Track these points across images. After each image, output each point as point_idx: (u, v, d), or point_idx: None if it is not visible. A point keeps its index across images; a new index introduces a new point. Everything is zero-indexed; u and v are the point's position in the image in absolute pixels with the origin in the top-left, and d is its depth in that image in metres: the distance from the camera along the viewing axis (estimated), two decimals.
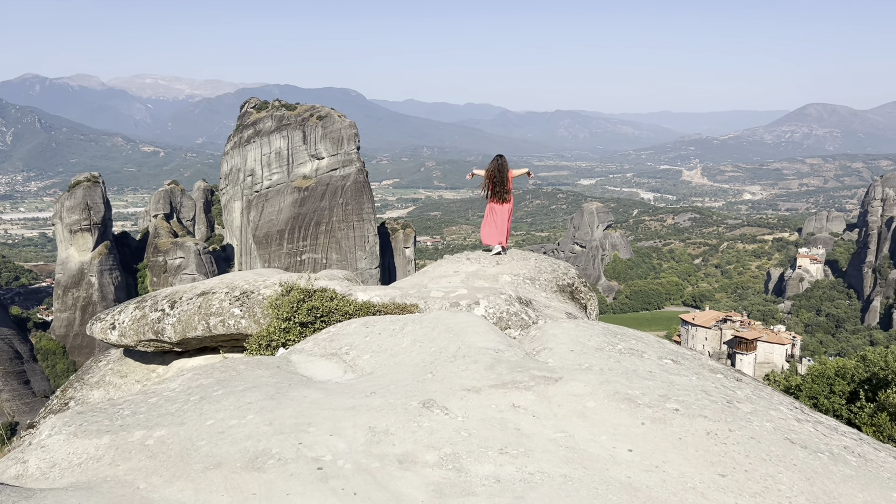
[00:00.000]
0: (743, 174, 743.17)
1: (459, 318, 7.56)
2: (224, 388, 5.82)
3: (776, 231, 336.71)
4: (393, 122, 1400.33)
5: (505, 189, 15.27)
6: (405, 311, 9.22)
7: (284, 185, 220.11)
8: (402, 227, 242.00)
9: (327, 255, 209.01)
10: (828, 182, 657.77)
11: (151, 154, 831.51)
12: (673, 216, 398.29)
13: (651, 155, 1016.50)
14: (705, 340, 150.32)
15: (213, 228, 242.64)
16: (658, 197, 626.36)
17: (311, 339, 8.17)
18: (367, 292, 10.12)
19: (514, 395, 5.43)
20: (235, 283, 11.44)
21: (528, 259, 13.60)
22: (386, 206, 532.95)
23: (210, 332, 11.11)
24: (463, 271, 12.52)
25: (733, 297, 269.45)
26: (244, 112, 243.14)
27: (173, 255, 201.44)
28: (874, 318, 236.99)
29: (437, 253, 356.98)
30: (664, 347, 6.95)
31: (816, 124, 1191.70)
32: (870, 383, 31.71)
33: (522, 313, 9.04)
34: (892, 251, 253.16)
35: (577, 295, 12.45)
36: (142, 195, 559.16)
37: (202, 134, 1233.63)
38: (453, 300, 9.57)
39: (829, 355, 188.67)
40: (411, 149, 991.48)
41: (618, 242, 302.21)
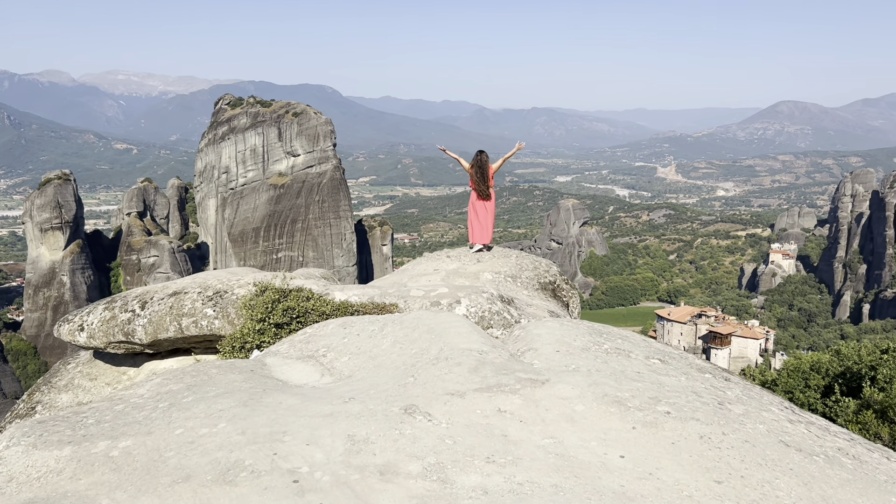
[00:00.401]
0: (716, 171, 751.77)
1: (441, 318, 7.32)
2: (195, 393, 5.52)
3: (749, 227, 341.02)
4: (369, 119, 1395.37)
5: (486, 186, 15.08)
6: (384, 311, 8.97)
7: (260, 182, 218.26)
8: (379, 224, 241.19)
9: (304, 252, 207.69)
10: (799, 178, 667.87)
11: (124, 151, 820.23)
12: (648, 213, 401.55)
13: (626, 152, 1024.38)
14: (681, 336, 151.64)
15: (187, 226, 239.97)
16: (633, 194, 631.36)
17: (286, 340, 7.88)
18: (345, 291, 9.83)
19: (499, 399, 5.23)
20: (208, 282, 11.10)
21: (509, 256, 13.41)
22: (363, 204, 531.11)
23: (182, 334, 10.76)
24: (443, 269, 12.29)
25: (707, 293, 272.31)
26: (219, 109, 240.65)
27: (147, 253, 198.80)
28: (845, 312, 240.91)
29: (414, 250, 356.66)
30: (650, 347, 6.79)
31: (788, 122, 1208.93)
32: (844, 377, 32.10)
33: (504, 312, 8.84)
34: (862, 246, 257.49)
35: (559, 293, 12.28)
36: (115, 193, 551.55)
37: (176, 131, 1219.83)
38: (434, 299, 9.34)
39: (802, 349, 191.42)
40: (388, 146, 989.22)
41: (594, 239, 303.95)
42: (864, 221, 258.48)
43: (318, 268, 70.09)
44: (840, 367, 32.25)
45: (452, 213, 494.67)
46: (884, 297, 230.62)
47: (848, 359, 32.41)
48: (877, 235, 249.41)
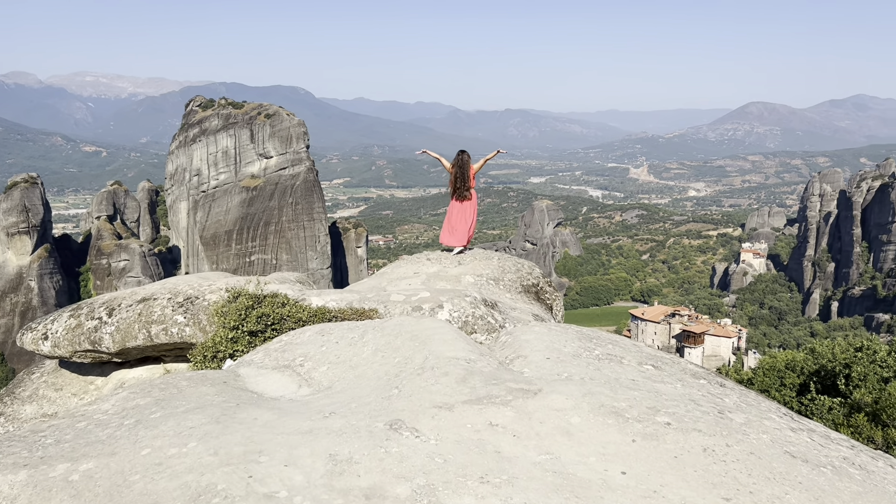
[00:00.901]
0: (688, 171, 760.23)
1: (424, 324, 6.99)
2: (163, 409, 5.14)
3: (720, 227, 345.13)
4: (343, 121, 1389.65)
5: (466, 186, 14.73)
6: (364, 317, 8.63)
7: (232, 184, 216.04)
8: (353, 226, 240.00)
9: (277, 255, 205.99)
10: (769, 178, 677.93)
11: (93, 154, 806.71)
12: (621, 213, 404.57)
13: (599, 153, 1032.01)
14: (654, 335, 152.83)
15: (158, 230, 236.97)
16: (606, 194, 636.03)
17: (261, 349, 7.50)
18: (322, 297, 9.48)
19: (490, 411, 4.92)
20: (179, 287, 10.67)
21: (490, 259, 13.14)
22: (337, 206, 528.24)
23: (152, 342, 10.33)
24: (423, 272, 11.96)
25: (680, 292, 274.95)
26: (189, 110, 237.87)
27: (117, 257, 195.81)
28: (814, 309, 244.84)
29: (389, 252, 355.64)
30: (642, 352, 6.56)
31: (757, 122, 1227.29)
32: (818, 375, 32.38)
33: (488, 316, 8.56)
34: (830, 245, 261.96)
35: (542, 295, 12.02)
36: (83, 196, 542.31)
37: (146, 133, 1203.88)
38: (415, 304, 9.01)
39: (773, 347, 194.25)
40: (362, 147, 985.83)
41: (568, 240, 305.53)
42: (832, 220, 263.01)
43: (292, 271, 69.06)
44: (815, 366, 32.55)
45: (427, 215, 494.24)
46: (851, 294, 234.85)
47: (822, 357, 32.71)
48: (844, 234, 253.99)
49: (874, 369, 27.41)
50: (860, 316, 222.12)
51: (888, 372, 27.59)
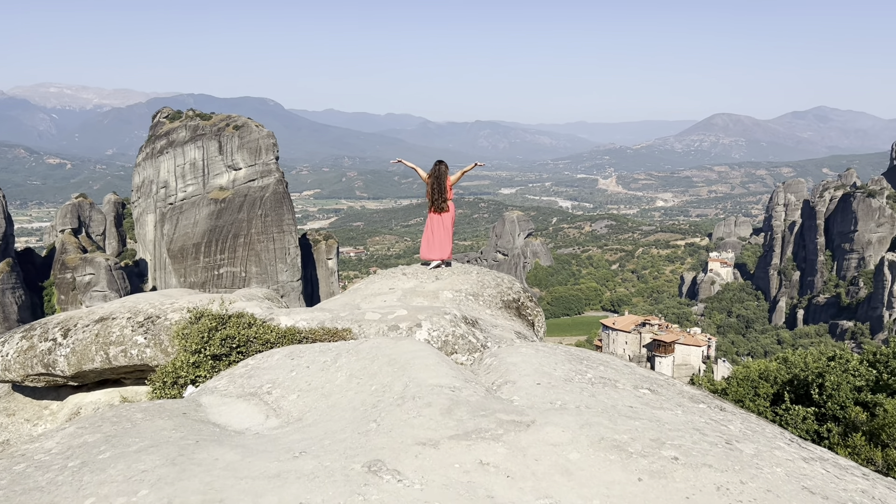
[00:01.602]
0: (655, 182, 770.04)
1: (403, 346, 6.47)
2: (113, 448, 4.56)
3: (688, 236, 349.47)
4: (313, 132, 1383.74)
5: (443, 198, 14.29)
6: (337, 338, 8.08)
7: (200, 196, 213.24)
8: (324, 238, 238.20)
9: (246, 268, 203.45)
10: (735, 189, 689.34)
11: (57, 166, 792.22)
12: (590, 223, 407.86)
13: (568, 164, 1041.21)
14: (626, 344, 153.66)
15: (124, 243, 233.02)
16: (576, 205, 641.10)
17: (225, 374, 6.91)
18: (292, 315, 8.93)
19: (480, 448, 4.48)
20: (139, 306, 10.04)
21: (469, 273, 12.68)
22: (307, 217, 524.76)
23: (110, 364, 9.68)
24: (399, 288, 11.45)
25: (649, 301, 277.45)
26: (156, 122, 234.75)
27: (82, 271, 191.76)
28: (780, 317, 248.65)
29: (360, 264, 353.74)
30: (635, 374, 6.16)
31: (723, 133, 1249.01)
32: (791, 384, 32.46)
33: (469, 335, 8.08)
34: (795, 254, 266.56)
35: (523, 311, 11.58)
36: (47, 209, 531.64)
37: (112, 145, 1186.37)
38: (392, 323, 8.51)
39: (741, 355, 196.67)
40: (332, 159, 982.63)
41: (538, 250, 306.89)
42: (797, 230, 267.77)
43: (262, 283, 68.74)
44: (788, 375, 32.63)
45: (398, 226, 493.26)
46: (816, 302, 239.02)
47: (795, 366, 32.82)
48: (808, 243, 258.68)
49: (847, 378, 27.54)
50: (825, 323, 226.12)
51: (860, 381, 27.75)
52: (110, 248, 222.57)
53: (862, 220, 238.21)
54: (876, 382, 26.40)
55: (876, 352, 28.69)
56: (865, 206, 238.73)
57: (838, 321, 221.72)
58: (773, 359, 39.16)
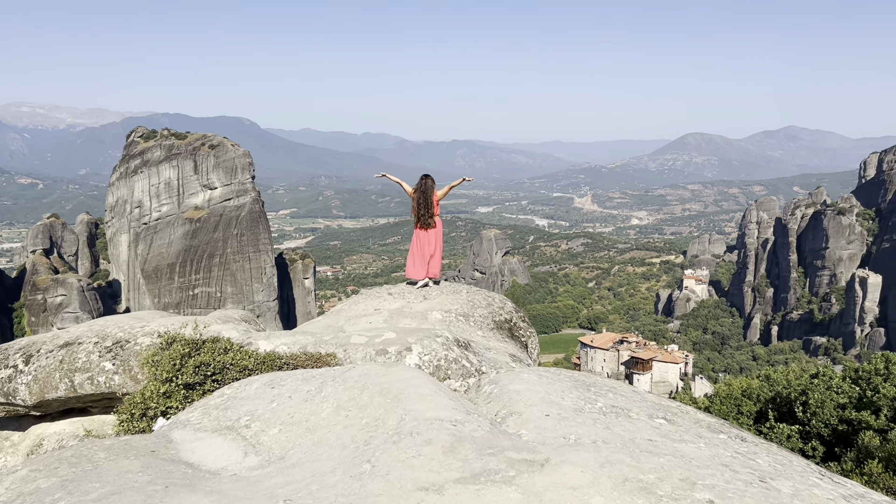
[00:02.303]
0: (630, 200, 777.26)
1: (395, 374, 5.88)
2: (70, 495, 3.95)
3: (663, 254, 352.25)
4: (289, 152, 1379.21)
5: (429, 213, 13.77)
6: (320, 364, 7.54)
7: (175, 216, 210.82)
8: (300, 257, 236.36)
9: (222, 288, 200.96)
10: (708, 207, 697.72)
11: (29, 186, 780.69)
12: (567, 241, 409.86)
13: (544, 183, 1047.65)
14: (604, 362, 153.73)
15: (97, 264, 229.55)
16: (552, 223, 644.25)
17: (199, 405, 6.28)
18: (271, 340, 8.33)
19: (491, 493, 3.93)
20: (107, 330, 9.40)
21: (459, 292, 12.15)
22: (283, 237, 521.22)
23: (75, 392, 9.02)
24: (385, 309, 10.88)
25: (626, 318, 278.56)
26: (131, 141, 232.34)
27: (53, 292, 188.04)
28: (755, 334, 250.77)
29: (338, 283, 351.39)
30: (645, 401, 5.71)
31: (696, 152, 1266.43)
32: (774, 402, 32.28)
33: (463, 359, 7.56)
34: (769, 271, 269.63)
35: (516, 332, 11.05)
36: (18, 230, 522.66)
37: (85, 164, 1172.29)
38: (379, 347, 7.94)
39: (717, 371, 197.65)
40: (309, 178, 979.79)
41: (516, 268, 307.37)
42: (770, 247, 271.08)
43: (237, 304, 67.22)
44: (770, 393, 32.51)
45: (376, 245, 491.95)
46: (790, 318, 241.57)
47: (777, 383, 32.72)
48: (781, 260, 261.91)
49: (831, 395, 27.40)
50: (799, 339, 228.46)
51: (843, 398, 27.62)
52: (83, 269, 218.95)
53: (833, 238, 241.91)
54: (859, 399, 26.32)
55: (858, 369, 28.68)
56: (836, 224, 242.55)
57: (812, 337, 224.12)
58: (755, 376, 39.17)
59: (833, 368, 31.77)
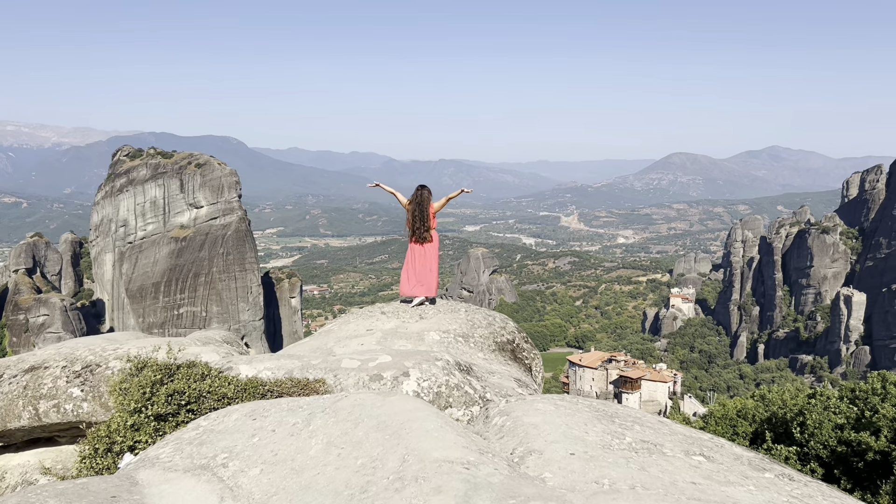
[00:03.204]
0: (616, 219, 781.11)
1: (394, 405, 5.17)
2: None
3: (649, 273, 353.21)
4: (276, 171, 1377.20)
5: (425, 227, 13.12)
6: (308, 391, 6.81)
7: (160, 235, 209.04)
8: (287, 276, 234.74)
9: (207, 307, 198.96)
10: (693, 226, 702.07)
11: (12, 205, 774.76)
12: (554, 260, 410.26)
13: (531, 202, 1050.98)
14: (592, 381, 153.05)
15: (81, 283, 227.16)
16: (539, 242, 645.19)
17: (171, 439, 5.52)
18: (254, 364, 7.56)
19: None
20: (77, 353, 8.66)
21: (457, 311, 11.42)
22: (270, 256, 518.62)
23: (40, 422, 8.26)
24: (378, 329, 10.18)
25: (613, 337, 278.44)
26: (116, 160, 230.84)
27: (36, 312, 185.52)
28: (742, 352, 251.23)
29: (324, 302, 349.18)
30: (674, 432, 5.06)
31: (681, 172, 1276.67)
32: (770, 423, 31.72)
33: (465, 385, 6.87)
34: (755, 289, 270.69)
35: (519, 354, 10.35)
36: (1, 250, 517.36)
37: (71, 183, 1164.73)
38: (373, 372, 7.20)
39: (704, 390, 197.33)
40: (296, 197, 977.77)
41: (503, 286, 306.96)
42: (755, 265, 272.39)
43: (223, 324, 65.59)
44: (766, 413, 31.98)
45: (363, 264, 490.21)
46: (776, 337, 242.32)
47: (773, 403, 32.20)
48: (767, 278, 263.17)
49: (828, 416, 26.87)
50: (785, 357, 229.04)
51: (841, 418, 27.09)
52: (66, 289, 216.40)
53: (817, 256, 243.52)
54: (857, 420, 25.82)
55: (854, 388, 28.20)
56: (820, 243, 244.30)
57: (798, 355, 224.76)
58: (749, 396, 38.67)
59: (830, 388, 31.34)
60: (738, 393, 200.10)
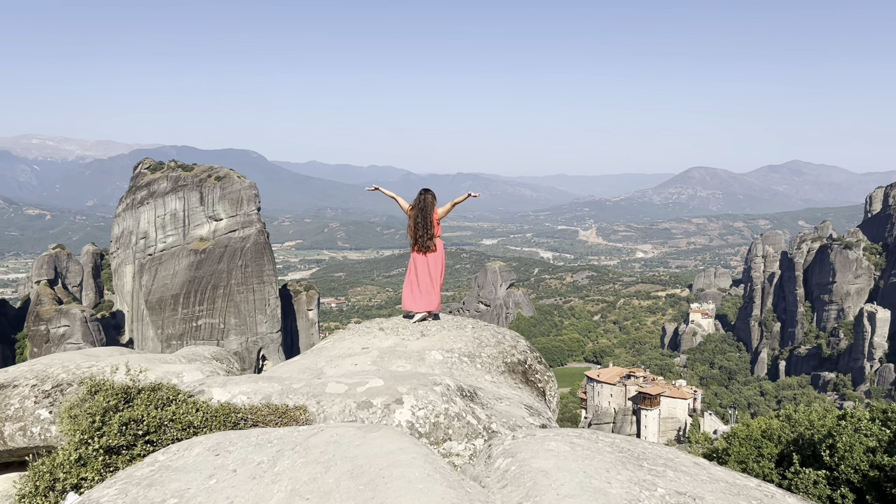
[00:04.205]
0: (635, 234, 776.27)
1: (375, 444, 4.52)
2: None
3: (668, 287, 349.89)
4: (296, 184, 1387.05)
5: (428, 234, 12.07)
6: (286, 420, 5.97)
7: (180, 247, 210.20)
8: (304, 288, 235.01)
9: (225, 319, 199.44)
10: (713, 241, 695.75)
11: (36, 217, 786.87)
12: (571, 274, 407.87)
13: (549, 216, 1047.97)
14: (611, 397, 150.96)
15: (102, 294, 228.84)
16: (557, 256, 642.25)
17: (121, 476, 4.63)
18: (229, 387, 6.69)
19: None
20: (50, 370, 7.91)
21: (463, 328, 10.46)
22: (288, 268, 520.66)
23: (6, 446, 7.49)
24: (375, 347, 9.27)
25: (632, 352, 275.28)
26: (138, 173, 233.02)
27: (57, 323, 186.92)
28: (763, 369, 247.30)
29: (342, 314, 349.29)
30: (715, 479, 4.04)
31: (700, 186, 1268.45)
32: (797, 444, 30.45)
33: (468, 414, 5.99)
34: (776, 305, 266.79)
35: (531, 376, 9.33)
36: (25, 261, 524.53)
37: (93, 196, 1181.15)
38: (362, 398, 6.33)
39: (724, 407, 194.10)
40: (315, 210, 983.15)
41: (521, 300, 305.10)
42: (776, 281, 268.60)
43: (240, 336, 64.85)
44: (792, 434, 30.69)
45: (381, 277, 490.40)
46: (798, 353, 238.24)
47: (800, 424, 30.90)
48: (788, 294, 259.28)
49: (859, 438, 25.63)
50: (807, 374, 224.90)
51: (873, 441, 25.84)
52: (87, 300, 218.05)
53: (840, 272, 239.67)
54: (890, 443, 24.63)
55: (887, 409, 26.93)
56: (843, 258, 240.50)
57: (820, 372, 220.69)
58: (774, 415, 37.36)
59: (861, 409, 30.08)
60: (759, 410, 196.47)
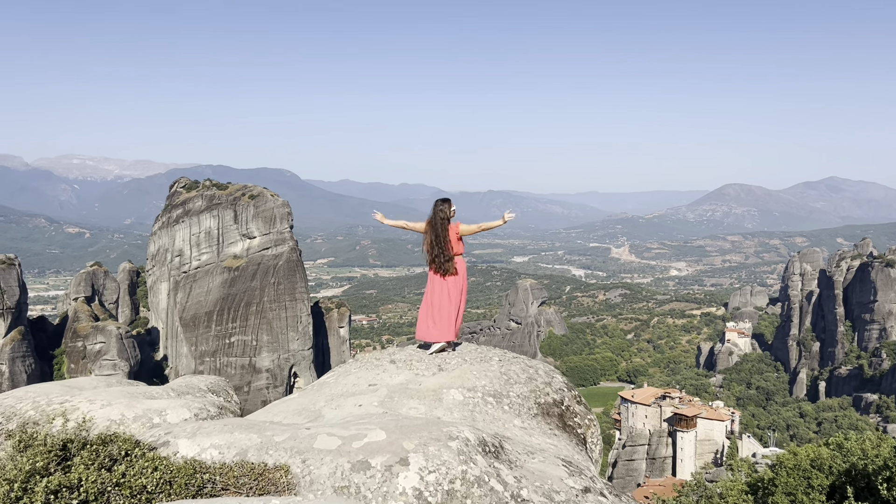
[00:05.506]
0: (668, 251, 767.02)
1: None
2: None
3: (703, 306, 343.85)
4: (328, 202, 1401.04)
5: (446, 256, 10.43)
6: (262, 483, 4.77)
7: (214, 265, 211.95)
8: (336, 305, 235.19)
9: (258, 336, 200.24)
10: (749, 258, 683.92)
11: (76, 235, 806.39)
12: (604, 292, 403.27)
13: (580, 233, 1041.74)
14: (645, 418, 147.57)
15: (137, 311, 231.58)
16: (589, 273, 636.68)
17: None
18: (199, 438, 5.42)
19: None
20: (18, 406, 6.87)
21: (488, 361, 8.88)
22: (320, 285, 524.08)
23: None
24: (384, 384, 7.90)
25: (666, 372, 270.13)
26: (174, 192, 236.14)
27: (93, 339, 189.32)
28: (801, 389, 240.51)
29: (373, 332, 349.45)
30: None
31: (735, 203, 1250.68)
32: (850, 475, 28.58)
33: (491, 478, 4.72)
34: (814, 324, 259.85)
35: (569, 420, 7.65)
36: (64, 278, 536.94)
37: (131, 214, 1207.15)
38: (358, 458, 5.03)
39: (762, 428, 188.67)
40: (346, 228, 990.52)
41: (552, 318, 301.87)
42: (815, 300, 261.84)
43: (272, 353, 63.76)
44: (844, 464, 28.87)
45: (411, 294, 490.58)
46: (838, 374, 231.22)
47: (852, 454, 29.06)
48: (827, 313, 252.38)
49: None
50: (848, 396, 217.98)
51: None
52: (123, 317, 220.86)
53: (881, 290, 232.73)
54: None
55: None
56: (884, 276, 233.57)
57: (862, 394, 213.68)
58: (823, 443, 35.44)
59: None
60: (798, 432, 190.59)
